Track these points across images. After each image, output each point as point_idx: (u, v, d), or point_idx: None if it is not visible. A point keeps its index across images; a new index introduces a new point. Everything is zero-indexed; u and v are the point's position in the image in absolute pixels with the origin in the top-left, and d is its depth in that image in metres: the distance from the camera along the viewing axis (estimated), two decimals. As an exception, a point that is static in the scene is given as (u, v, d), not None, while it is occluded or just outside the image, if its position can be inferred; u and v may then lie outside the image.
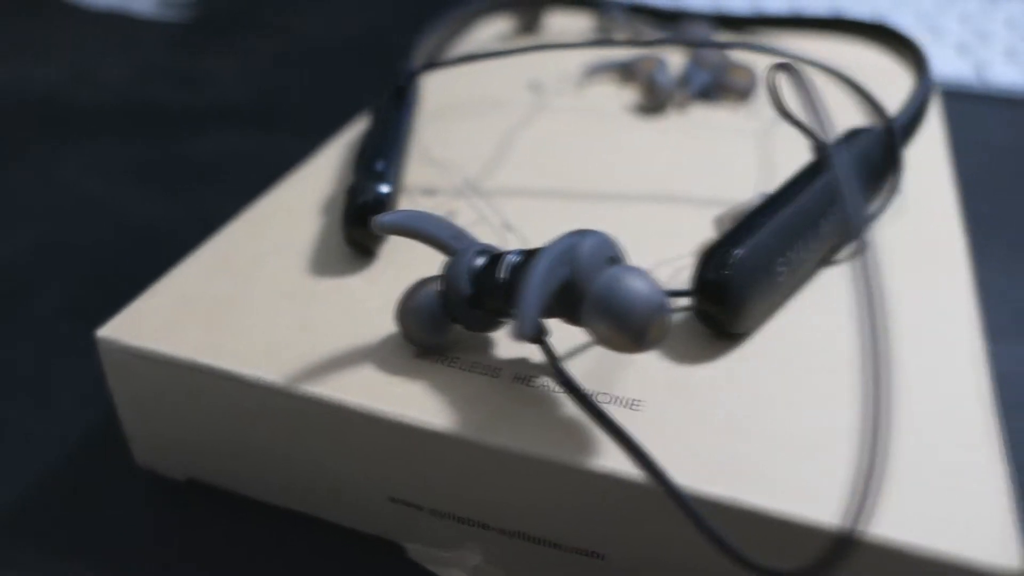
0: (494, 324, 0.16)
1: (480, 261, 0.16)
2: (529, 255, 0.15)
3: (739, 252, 0.16)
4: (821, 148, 0.19)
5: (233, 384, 0.16)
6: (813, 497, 0.14)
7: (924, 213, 0.22)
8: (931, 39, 0.47)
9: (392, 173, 0.20)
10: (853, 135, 0.20)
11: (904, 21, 0.50)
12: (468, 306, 0.16)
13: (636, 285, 0.13)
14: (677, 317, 0.18)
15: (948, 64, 0.44)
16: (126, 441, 0.19)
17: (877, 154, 0.20)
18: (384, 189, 0.19)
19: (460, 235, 0.16)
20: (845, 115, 0.28)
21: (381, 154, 0.20)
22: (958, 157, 0.37)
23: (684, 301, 0.18)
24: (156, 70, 0.45)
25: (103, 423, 0.21)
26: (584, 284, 0.14)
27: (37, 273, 0.27)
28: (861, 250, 0.12)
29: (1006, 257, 0.30)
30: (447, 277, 0.16)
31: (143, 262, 0.28)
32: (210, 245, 0.20)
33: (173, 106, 0.40)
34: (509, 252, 0.16)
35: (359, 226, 0.19)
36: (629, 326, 0.13)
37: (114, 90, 0.42)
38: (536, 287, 0.13)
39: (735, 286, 0.16)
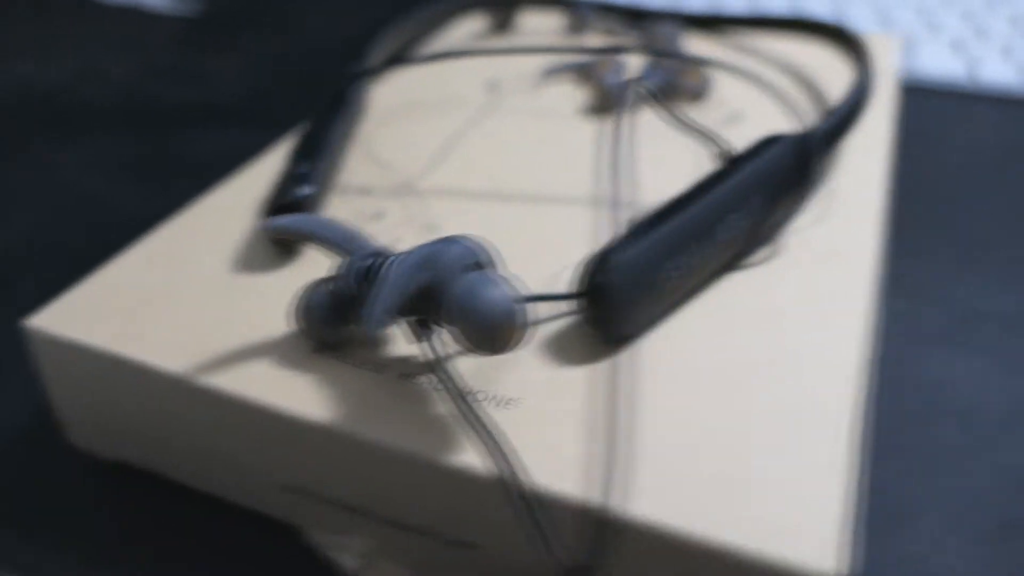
0: (343, 329, 0.17)
1: (368, 263, 0.17)
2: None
3: (622, 256, 0.17)
4: (723, 154, 0.19)
5: (144, 374, 0.17)
6: (670, 502, 0.14)
7: (843, 219, 0.22)
8: (927, 35, 0.46)
9: (317, 175, 0.20)
10: (768, 143, 0.20)
11: (904, 17, 0.49)
12: (354, 305, 0.16)
13: (488, 292, 0.14)
14: (568, 319, 0.18)
15: (941, 61, 0.44)
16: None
17: (789, 162, 0.20)
18: (305, 191, 0.20)
19: (354, 238, 0.17)
20: (785, 118, 0.28)
21: (306, 156, 0.21)
22: (935, 157, 0.37)
23: (571, 304, 0.19)
24: (161, 67, 0.47)
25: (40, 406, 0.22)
26: (443, 289, 0.15)
27: (26, 266, 0.29)
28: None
29: (962, 259, 0.29)
30: (336, 278, 0.17)
31: (115, 253, 0.29)
32: (148, 240, 0.21)
33: (176, 103, 0.42)
34: (393, 255, 0.16)
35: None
36: (481, 330, 0.14)
37: (118, 87, 0.44)
38: (386, 286, 0.14)
39: (616, 290, 0.17)
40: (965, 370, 0.24)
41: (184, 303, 0.19)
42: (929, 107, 0.42)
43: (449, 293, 0.14)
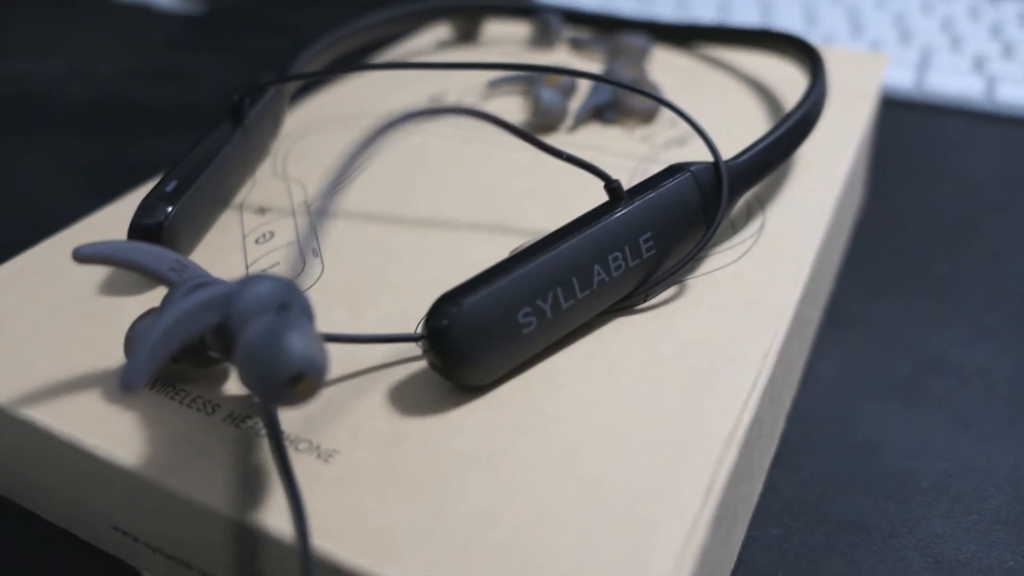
0: (205, 360, 0.16)
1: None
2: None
3: (468, 299, 0.15)
4: (610, 188, 0.17)
5: (-30, 401, 0.17)
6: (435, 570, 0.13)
7: (767, 261, 0.20)
8: (947, 50, 0.43)
9: (187, 194, 0.19)
10: (668, 173, 0.19)
11: (927, 25, 0.46)
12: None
13: (272, 338, 0.13)
14: (422, 364, 0.17)
15: (958, 79, 0.40)
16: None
17: (691, 196, 0.18)
18: (167, 210, 0.19)
19: (182, 268, 0.16)
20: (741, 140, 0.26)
21: (178, 174, 0.20)
22: (929, 183, 0.34)
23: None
24: (153, 67, 0.47)
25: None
26: (235, 332, 0.13)
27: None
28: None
29: (935, 301, 0.27)
30: (160, 311, 0.15)
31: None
32: (23, 256, 0.20)
33: (158, 105, 0.42)
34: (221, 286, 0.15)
35: (142, 247, 0.19)
36: (263, 381, 0.13)
37: (104, 87, 0.44)
38: (156, 335, 0.13)
39: (458, 336, 0.15)
40: (906, 430, 0.22)
41: (28, 326, 0.18)
42: (939, 127, 0.39)
43: (237, 338, 0.13)
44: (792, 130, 0.21)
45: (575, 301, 0.17)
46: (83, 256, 0.15)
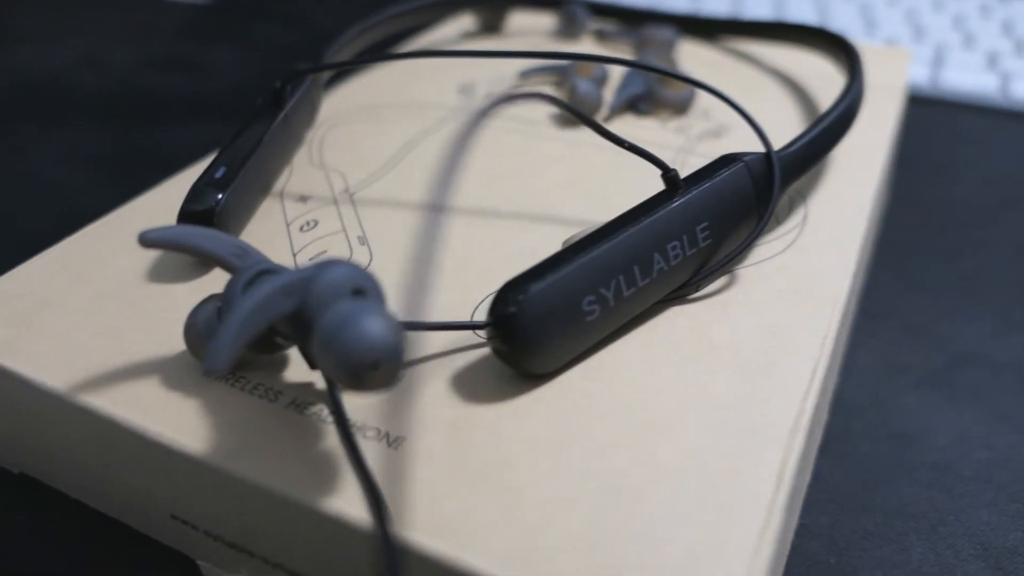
0: (272, 346, 0.16)
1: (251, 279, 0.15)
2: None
3: (536, 287, 0.15)
4: (668, 177, 0.17)
5: (23, 387, 0.16)
6: (526, 561, 0.13)
7: (814, 251, 0.20)
8: (961, 47, 0.44)
9: (236, 180, 0.19)
10: (722, 163, 0.19)
11: (940, 23, 0.46)
12: (241, 327, 0.15)
13: (355, 322, 0.13)
14: (482, 351, 0.17)
15: (973, 75, 0.41)
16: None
17: (746, 186, 0.18)
18: (218, 196, 0.19)
19: (244, 253, 0.16)
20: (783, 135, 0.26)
21: (226, 160, 0.20)
22: (953, 178, 0.34)
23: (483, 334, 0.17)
24: (162, 56, 0.46)
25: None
26: (312, 318, 0.13)
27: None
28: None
29: (966, 295, 0.27)
30: (224, 296, 0.15)
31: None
32: (63, 243, 0.20)
33: (168, 94, 0.41)
34: (287, 272, 0.15)
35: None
36: (342, 365, 0.13)
37: (115, 76, 0.43)
38: (237, 319, 0.12)
39: (525, 323, 0.15)
40: (944, 420, 0.22)
41: (78, 312, 0.18)
42: (955, 123, 0.39)
43: (316, 323, 0.13)
44: (836, 122, 0.21)
45: (636, 289, 0.17)
46: (149, 240, 0.15)
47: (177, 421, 0.15)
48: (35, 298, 0.18)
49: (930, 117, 0.40)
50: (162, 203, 0.22)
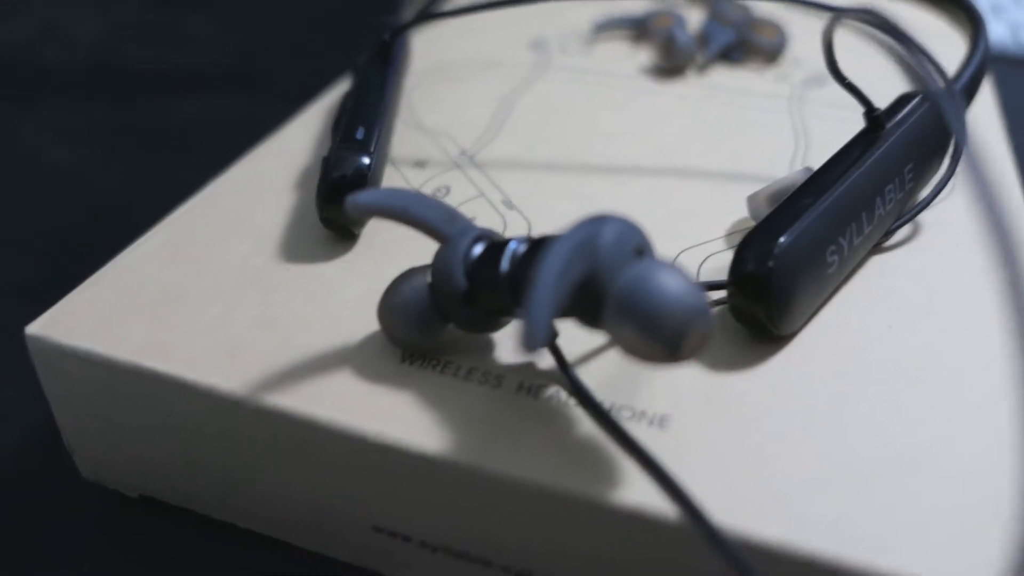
0: (494, 324, 0.14)
1: (478, 250, 0.13)
2: (538, 244, 0.12)
3: (784, 240, 0.14)
4: (873, 116, 0.16)
5: (183, 392, 0.14)
6: (880, 544, 0.11)
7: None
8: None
9: (375, 142, 0.17)
10: (906, 100, 0.17)
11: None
12: (463, 303, 0.13)
13: (671, 284, 0.11)
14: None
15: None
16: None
17: (936, 124, 0.17)
18: (365, 160, 0.16)
19: (453, 218, 0.14)
20: (887, 81, 0.25)
21: (361, 120, 0.17)
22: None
23: (717, 295, 0.15)
24: (129, 26, 0.42)
25: (49, 426, 0.18)
26: (606, 282, 0.11)
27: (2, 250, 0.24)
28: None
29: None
30: (438, 268, 0.13)
31: (103, 238, 0.25)
32: (162, 227, 0.17)
33: (146, 67, 0.37)
34: (513, 239, 0.13)
35: (336, 204, 0.16)
36: (662, 334, 0.11)
37: (84, 48, 0.39)
38: (548, 286, 0.10)
39: (779, 280, 0.14)
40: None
41: (218, 303, 0.15)
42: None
43: (613, 288, 0.11)
44: (977, 71, 0.20)
45: (863, 237, 0.15)
46: (358, 205, 0.13)
47: (394, 417, 0.13)
48: (158, 290, 0.15)
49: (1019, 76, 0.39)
50: (252, 177, 0.19)
